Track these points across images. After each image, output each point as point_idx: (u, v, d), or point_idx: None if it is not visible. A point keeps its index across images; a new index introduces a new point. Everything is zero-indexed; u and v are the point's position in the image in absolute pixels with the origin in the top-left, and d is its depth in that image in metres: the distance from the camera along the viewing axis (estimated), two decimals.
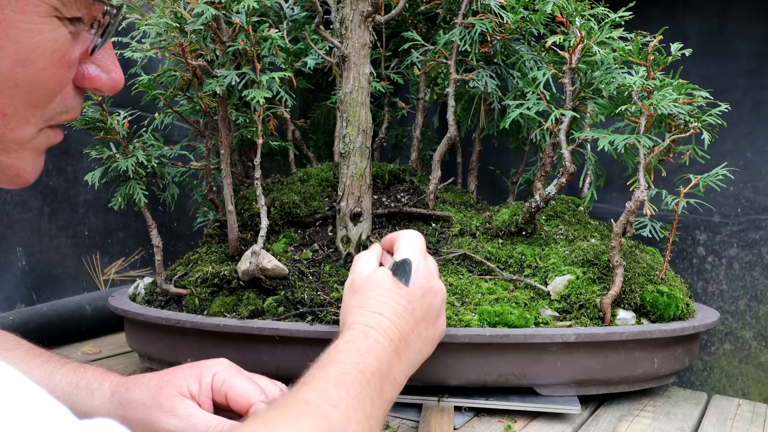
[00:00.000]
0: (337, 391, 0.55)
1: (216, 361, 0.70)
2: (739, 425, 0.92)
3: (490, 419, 0.87)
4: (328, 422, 0.51)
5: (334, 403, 0.53)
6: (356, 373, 0.58)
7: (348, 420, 0.53)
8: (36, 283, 1.28)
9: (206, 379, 0.67)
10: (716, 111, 0.92)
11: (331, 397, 0.54)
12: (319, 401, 0.53)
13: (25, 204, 1.25)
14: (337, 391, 0.55)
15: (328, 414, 0.52)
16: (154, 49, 1.00)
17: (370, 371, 0.60)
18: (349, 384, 0.57)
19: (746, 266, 1.29)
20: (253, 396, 0.66)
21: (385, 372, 0.63)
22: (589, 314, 0.91)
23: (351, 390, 0.56)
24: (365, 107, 0.98)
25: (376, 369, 0.61)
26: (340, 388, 0.56)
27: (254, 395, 0.66)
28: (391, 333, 0.66)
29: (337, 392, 0.55)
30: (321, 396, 0.54)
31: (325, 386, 0.55)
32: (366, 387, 0.58)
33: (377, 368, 0.61)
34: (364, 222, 1.00)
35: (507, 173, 1.34)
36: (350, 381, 0.57)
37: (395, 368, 0.65)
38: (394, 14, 1.02)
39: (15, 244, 1.24)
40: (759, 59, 1.28)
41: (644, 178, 0.89)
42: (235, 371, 0.69)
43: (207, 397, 0.66)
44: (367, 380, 0.59)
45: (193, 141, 1.21)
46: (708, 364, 1.31)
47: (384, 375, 0.62)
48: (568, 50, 0.95)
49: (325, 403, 0.53)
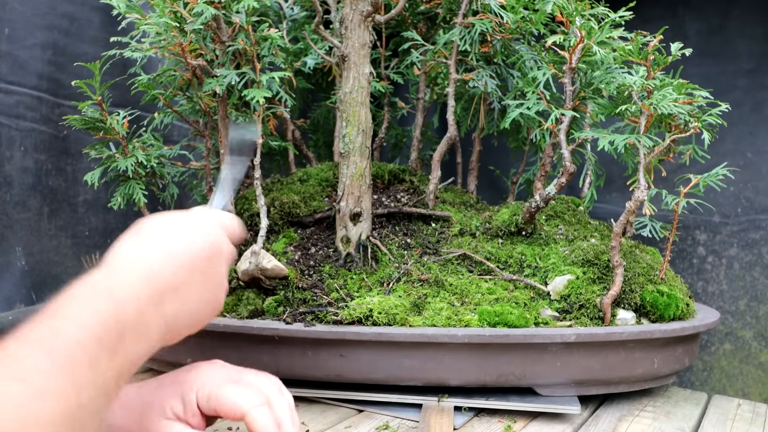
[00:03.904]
0: (33, 357, 0.42)
1: (200, 369, 0.64)
2: (739, 425, 0.92)
3: (490, 419, 0.87)
4: (6, 409, 0.38)
5: (23, 375, 0.40)
6: (74, 329, 0.45)
7: (40, 397, 0.40)
8: (35, 283, 1.28)
9: (189, 396, 0.61)
10: (716, 111, 0.91)
11: (22, 366, 0.41)
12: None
13: (25, 204, 1.25)
14: (33, 357, 0.42)
15: (10, 393, 0.39)
16: (153, 49, 1.00)
17: (106, 321, 0.47)
18: (56, 347, 0.43)
19: (746, 266, 1.29)
20: (243, 404, 0.60)
21: (132, 325, 0.50)
22: (589, 314, 0.91)
23: (58, 355, 0.43)
24: (365, 107, 0.98)
25: (115, 320, 0.48)
26: (39, 353, 0.42)
27: (245, 402, 0.60)
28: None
29: (36, 359, 0.42)
30: (4, 366, 0.41)
31: (15, 351, 0.42)
32: (92, 348, 0.45)
33: (117, 318, 0.48)
34: (364, 222, 0.99)
35: (507, 173, 1.34)
36: (62, 341, 0.44)
37: (152, 322, 0.52)
38: (394, 14, 1.02)
39: (14, 244, 1.24)
40: (759, 59, 1.28)
41: (644, 178, 0.89)
42: (222, 378, 0.63)
43: (194, 414, 0.62)
44: (94, 337, 0.46)
45: (192, 141, 1.21)
46: (708, 364, 1.31)
47: (130, 329, 0.49)
48: (568, 50, 0.95)
49: (9, 378, 0.40)
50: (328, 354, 0.87)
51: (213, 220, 0.64)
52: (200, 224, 0.61)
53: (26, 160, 1.24)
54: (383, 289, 0.95)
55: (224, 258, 0.63)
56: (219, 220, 0.65)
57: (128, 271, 0.52)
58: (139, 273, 0.52)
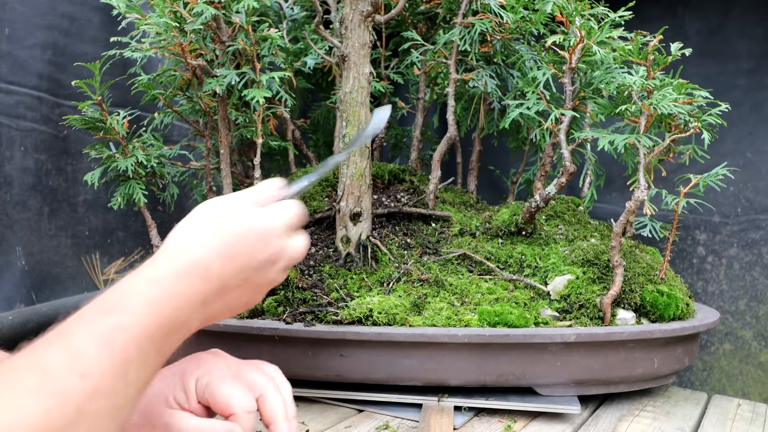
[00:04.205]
0: (98, 354, 0.44)
1: (201, 359, 0.65)
2: (739, 425, 0.92)
3: (489, 419, 0.87)
4: (61, 405, 0.40)
5: (85, 371, 0.42)
6: (139, 329, 0.47)
7: (95, 394, 0.42)
8: (35, 283, 1.28)
9: (190, 385, 0.62)
10: (716, 111, 0.91)
11: (86, 363, 0.43)
12: (65, 369, 0.42)
13: (25, 204, 1.25)
14: (98, 354, 0.44)
15: (69, 390, 0.41)
16: (153, 49, 1.00)
17: (163, 322, 0.49)
18: (119, 345, 0.45)
19: (746, 266, 1.29)
20: (234, 405, 0.60)
21: (182, 324, 0.52)
22: (589, 314, 0.91)
23: (118, 353, 0.45)
24: (365, 107, 0.98)
25: (170, 322, 0.50)
26: (104, 350, 0.44)
27: (236, 404, 0.60)
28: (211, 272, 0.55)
29: (98, 355, 0.43)
30: (71, 362, 0.42)
31: (82, 346, 0.43)
32: (146, 347, 0.47)
33: (172, 321, 0.50)
34: (364, 222, 0.99)
35: (507, 173, 1.34)
36: (125, 339, 0.46)
37: (195, 319, 0.54)
38: (394, 14, 1.02)
39: (14, 244, 1.24)
40: (759, 59, 1.28)
41: (644, 178, 0.89)
42: (221, 369, 0.63)
43: (197, 402, 0.62)
44: (149, 337, 0.48)
45: (192, 141, 1.21)
46: (708, 364, 1.31)
47: (179, 327, 0.52)
48: (568, 50, 0.95)
49: (72, 374, 0.42)
50: (328, 354, 0.87)
51: (280, 220, 0.61)
52: (265, 227, 0.59)
53: (26, 160, 1.24)
54: (383, 289, 0.95)
55: (278, 264, 0.61)
56: (286, 218, 0.61)
57: (189, 275, 0.53)
58: (199, 278, 0.53)
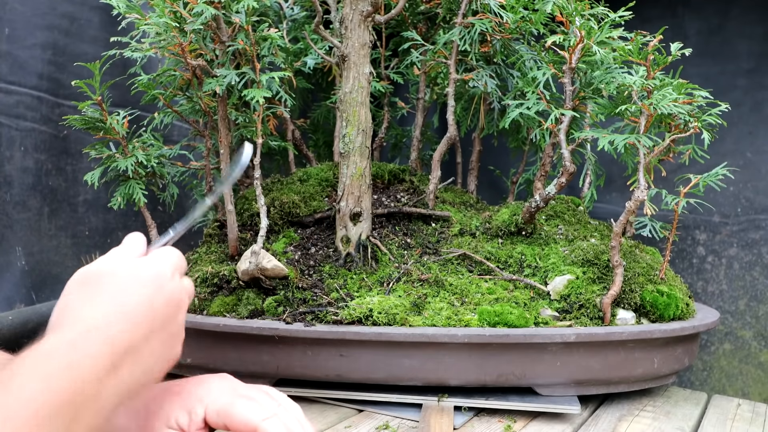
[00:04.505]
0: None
1: (210, 383, 0.63)
2: (739, 425, 0.92)
3: (489, 419, 0.87)
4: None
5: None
6: (38, 402, 0.43)
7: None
8: (35, 283, 1.28)
9: (197, 411, 0.61)
10: (716, 111, 0.91)
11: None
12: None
13: (25, 204, 1.25)
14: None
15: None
16: (153, 49, 1.00)
17: (63, 398, 0.44)
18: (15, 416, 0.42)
19: (746, 266, 1.29)
20: (254, 417, 0.59)
21: (90, 397, 0.47)
22: (588, 314, 0.91)
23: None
24: (365, 107, 0.98)
25: (73, 398, 0.45)
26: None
27: (255, 416, 0.59)
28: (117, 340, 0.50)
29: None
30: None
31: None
32: (49, 420, 0.43)
33: (76, 395, 0.45)
34: (364, 222, 0.99)
35: (507, 173, 1.34)
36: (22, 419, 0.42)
37: (107, 390, 0.49)
38: (394, 14, 1.02)
39: (14, 244, 1.24)
40: (759, 59, 1.28)
41: (644, 178, 0.89)
42: (230, 393, 0.62)
43: (198, 428, 0.61)
44: (54, 412, 0.43)
45: (192, 141, 1.21)
46: (708, 364, 1.31)
47: (87, 402, 0.46)
48: (568, 50, 0.95)
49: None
50: (328, 354, 0.87)
51: (166, 263, 0.58)
52: (154, 273, 0.56)
53: (26, 160, 1.24)
54: (383, 289, 0.95)
55: (182, 307, 0.59)
56: (171, 262, 0.59)
57: (86, 341, 0.48)
58: (97, 341, 0.49)
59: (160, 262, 0.57)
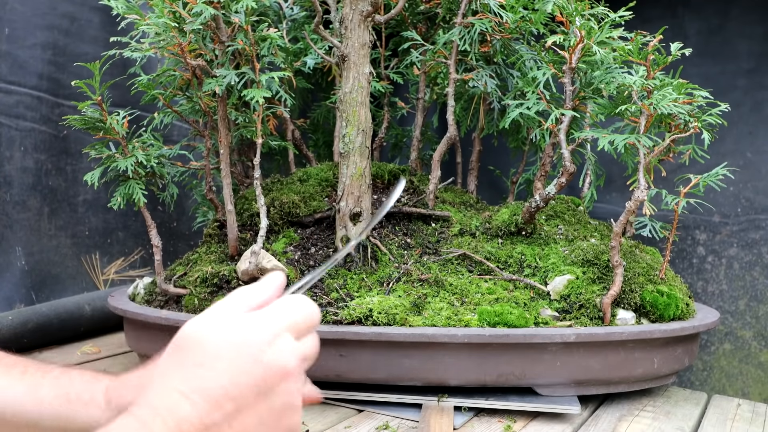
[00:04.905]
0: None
1: None
2: (739, 425, 0.92)
3: (489, 419, 0.87)
4: None
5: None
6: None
7: None
8: (35, 283, 1.28)
9: None
10: (716, 111, 0.91)
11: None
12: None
13: (25, 204, 1.25)
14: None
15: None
16: (153, 49, 1.00)
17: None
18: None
19: (746, 266, 1.29)
20: None
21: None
22: (588, 314, 0.91)
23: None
24: (365, 107, 0.98)
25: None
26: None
27: None
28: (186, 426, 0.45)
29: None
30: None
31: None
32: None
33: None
34: (364, 222, 0.99)
35: (507, 173, 1.34)
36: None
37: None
38: (394, 14, 1.02)
39: (14, 244, 1.24)
40: (759, 59, 1.28)
41: (644, 178, 0.89)
42: None
43: None
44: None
45: (192, 141, 1.21)
46: (708, 364, 1.31)
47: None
48: (568, 50, 0.95)
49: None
50: (328, 354, 0.87)
51: (269, 326, 0.50)
52: (246, 341, 0.48)
53: (26, 160, 1.24)
54: (383, 289, 0.95)
55: (290, 376, 0.50)
56: (280, 323, 0.50)
57: (153, 421, 0.45)
58: (162, 426, 0.45)
59: (262, 324, 0.49)
